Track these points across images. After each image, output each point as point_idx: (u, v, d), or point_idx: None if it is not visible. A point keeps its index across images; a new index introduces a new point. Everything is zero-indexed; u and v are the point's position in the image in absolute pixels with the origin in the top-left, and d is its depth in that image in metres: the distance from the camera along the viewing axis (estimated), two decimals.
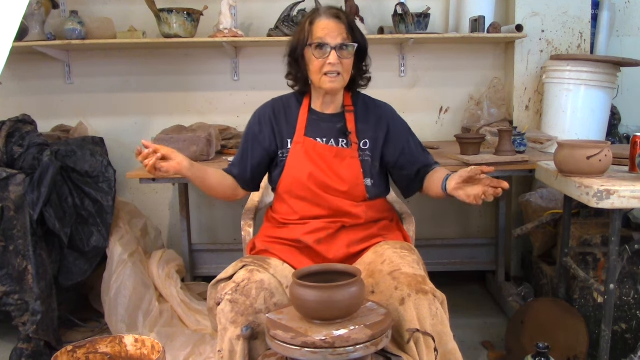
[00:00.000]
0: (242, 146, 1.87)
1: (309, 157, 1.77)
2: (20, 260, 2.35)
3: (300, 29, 1.76)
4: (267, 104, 1.89)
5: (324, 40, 1.69)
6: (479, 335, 2.61)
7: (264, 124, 1.83)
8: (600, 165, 1.86)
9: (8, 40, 1.11)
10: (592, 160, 1.86)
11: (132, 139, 3.22)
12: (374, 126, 1.83)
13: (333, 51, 1.69)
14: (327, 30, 1.70)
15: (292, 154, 1.79)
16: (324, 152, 1.77)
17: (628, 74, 3.04)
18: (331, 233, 1.75)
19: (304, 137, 1.79)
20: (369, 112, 1.85)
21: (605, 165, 1.88)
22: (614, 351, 2.09)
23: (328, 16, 1.72)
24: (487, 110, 3.03)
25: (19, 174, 2.38)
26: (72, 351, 1.58)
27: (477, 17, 2.89)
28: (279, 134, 1.82)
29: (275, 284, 1.57)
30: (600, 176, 1.89)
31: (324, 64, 1.70)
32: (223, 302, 1.52)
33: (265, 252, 1.75)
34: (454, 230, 3.35)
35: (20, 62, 3.11)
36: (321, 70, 1.71)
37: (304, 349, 1.30)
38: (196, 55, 3.18)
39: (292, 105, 1.86)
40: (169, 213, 3.32)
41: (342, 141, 1.80)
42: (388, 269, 1.62)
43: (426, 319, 1.49)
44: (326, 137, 1.79)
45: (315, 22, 1.72)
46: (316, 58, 1.70)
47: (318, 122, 1.81)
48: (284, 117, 1.83)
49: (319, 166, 1.76)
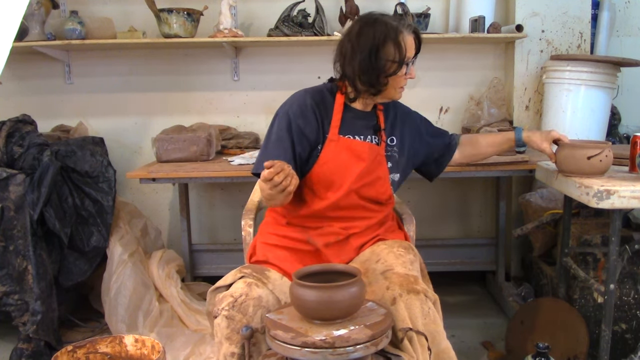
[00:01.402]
0: (288, 141, 1.70)
1: (343, 156, 1.72)
2: (20, 260, 2.35)
3: (388, 47, 1.67)
4: (302, 95, 1.78)
5: (410, 57, 1.72)
6: (479, 335, 2.61)
7: (308, 113, 1.73)
8: (600, 165, 1.86)
9: (8, 40, 1.11)
10: (593, 161, 1.86)
11: (132, 139, 3.23)
12: (400, 122, 1.87)
13: (413, 66, 1.74)
14: (410, 46, 1.72)
15: (327, 152, 1.72)
16: (363, 149, 1.74)
17: (628, 74, 3.04)
18: (341, 239, 1.74)
19: (337, 135, 1.74)
20: (390, 109, 1.87)
21: (605, 165, 1.88)
22: (614, 351, 2.09)
23: (408, 32, 1.71)
24: (487, 110, 3.02)
25: (19, 174, 2.38)
26: (72, 351, 1.58)
27: (477, 17, 2.89)
28: (321, 126, 1.74)
29: (273, 301, 1.55)
30: (600, 176, 1.89)
31: (406, 79, 1.74)
32: (220, 317, 1.50)
33: (265, 263, 1.70)
34: (454, 230, 3.35)
35: (20, 62, 3.11)
36: (400, 83, 1.74)
37: (304, 349, 1.30)
38: (196, 55, 3.18)
39: (327, 100, 1.79)
40: (169, 213, 3.32)
41: (375, 138, 1.79)
42: (381, 269, 1.62)
43: (418, 319, 1.50)
44: (362, 134, 1.78)
45: (404, 38, 1.70)
46: (400, 75, 1.71)
47: (354, 120, 1.78)
48: (324, 110, 1.76)
49: (355, 166, 1.72)
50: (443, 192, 3.28)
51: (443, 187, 3.26)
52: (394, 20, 1.72)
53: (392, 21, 1.70)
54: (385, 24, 1.69)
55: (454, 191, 3.30)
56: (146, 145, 3.14)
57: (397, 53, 1.68)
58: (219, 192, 3.30)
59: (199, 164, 2.63)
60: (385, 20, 1.70)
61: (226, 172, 2.51)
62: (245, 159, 2.62)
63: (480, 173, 2.50)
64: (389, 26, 1.69)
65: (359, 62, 1.68)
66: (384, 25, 1.69)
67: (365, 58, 1.68)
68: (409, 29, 1.71)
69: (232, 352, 1.48)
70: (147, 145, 3.10)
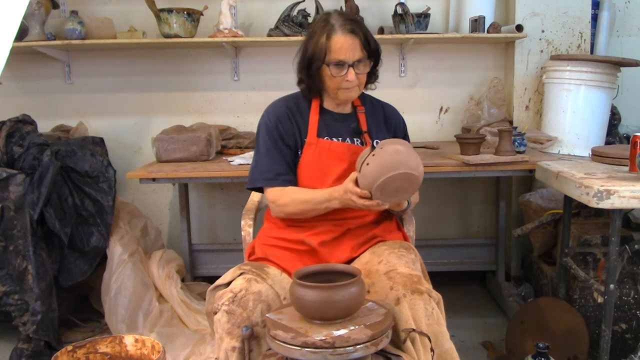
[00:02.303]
0: (276, 150, 1.74)
1: (324, 158, 1.74)
2: (20, 260, 2.35)
3: (315, 43, 1.70)
4: (278, 104, 1.83)
5: (342, 59, 1.66)
6: (479, 335, 2.61)
7: (284, 122, 1.77)
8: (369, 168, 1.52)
9: (8, 40, 1.11)
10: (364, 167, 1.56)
11: (132, 139, 3.23)
12: (383, 126, 1.85)
13: (351, 69, 1.68)
14: (345, 47, 1.66)
15: (307, 155, 1.75)
16: (342, 150, 1.75)
17: (628, 74, 3.04)
18: (335, 237, 1.74)
19: (316, 138, 1.76)
20: (376, 111, 1.86)
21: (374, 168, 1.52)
22: (614, 351, 2.09)
23: (344, 32, 1.66)
24: (487, 110, 3.03)
25: (19, 174, 2.38)
26: (72, 351, 1.58)
27: (477, 17, 2.89)
28: (298, 132, 1.77)
29: (273, 296, 1.56)
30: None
31: (341, 81, 1.69)
32: (220, 312, 1.51)
33: (264, 260, 1.72)
34: (454, 230, 3.35)
35: (20, 62, 3.11)
36: (339, 85, 1.71)
37: (304, 349, 1.30)
38: (196, 55, 3.18)
39: (302, 105, 1.82)
40: (169, 213, 3.32)
41: (357, 140, 1.80)
42: (384, 269, 1.61)
43: (421, 319, 1.49)
44: (341, 136, 1.78)
45: (332, 38, 1.67)
46: (334, 76, 1.69)
47: (332, 122, 1.79)
48: (300, 115, 1.79)
49: (336, 168, 1.73)
50: (443, 192, 3.28)
51: (443, 187, 3.26)
52: (339, 20, 1.69)
53: (335, 21, 1.69)
54: (324, 22, 1.70)
55: (454, 191, 3.30)
56: (146, 145, 3.14)
57: (326, 51, 1.67)
58: (219, 192, 3.30)
59: (199, 164, 2.63)
60: (328, 18, 1.70)
61: (226, 172, 2.51)
62: (245, 159, 2.62)
63: (480, 173, 2.50)
64: (325, 24, 1.69)
65: (299, 58, 1.75)
66: (322, 22, 1.71)
67: (301, 54, 1.74)
68: (345, 30, 1.66)
69: (234, 347, 1.47)
70: (147, 145, 3.10)
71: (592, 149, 2.36)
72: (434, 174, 2.45)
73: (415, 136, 3.05)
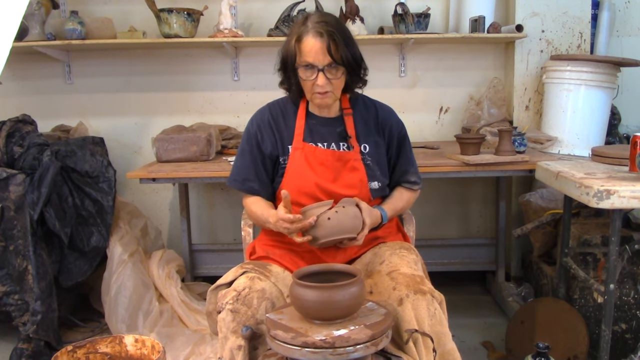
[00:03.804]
0: (249, 156, 1.77)
1: (310, 163, 1.72)
2: (20, 260, 2.35)
3: (288, 44, 1.68)
4: (263, 110, 1.83)
5: (311, 62, 1.62)
6: (479, 335, 2.61)
7: (264, 130, 1.77)
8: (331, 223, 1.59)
9: (8, 40, 1.11)
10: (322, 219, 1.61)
11: (132, 139, 3.23)
12: (374, 129, 1.80)
13: (321, 73, 1.62)
14: (314, 51, 1.61)
15: (293, 160, 1.74)
16: (325, 157, 1.73)
17: (628, 74, 3.04)
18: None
19: (302, 142, 1.74)
20: (369, 114, 1.82)
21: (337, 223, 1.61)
22: (614, 351, 2.09)
23: (315, 34, 1.61)
24: (487, 110, 3.03)
25: (19, 174, 2.38)
26: (72, 351, 1.58)
27: (477, 17, 2.89)
28: (279, 139, 1.76)
29: (277, 293, 1.56)
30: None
31: (313, 84, 1.65)
32: (224, 311, 1.50)
33: (266, 258, 1.73)
34: (454, 230, 3.35)
35: (20, 62, 3.11)
36: (312, 89, 1.67)
37: (304, 349, 1.30)
38: (196, 55, 3.18)
39: (289, 110, 1.80)
40: (169, 213, 3.33)
41: (343, 145, 1.76)
42: (386, 269, 1.61)
43: (424, 319, 1.49)
44: (326, 141, 1.76)
45: (303, 40, 1.62)
46: (304, 79, 1.66)
47: (317, 127, 1.77)
48: (283, 121, 1.78)
49: (323, 173, 1.72)
50: (443, 192, 3.28)
51: (443, 187, 3.26)
52: (313, 21, 1.64)
53: (310, 22, 1.65)
54: (300, 23, 1.67)
55: (454, 191, 3.30)
56: (146, 145, 3.14)
57: (297, 52, 1.66)
58: (219, 192, 3.30)
59: (199, 164, 2.63)
60: (305, 19, 1.67)
61: (226, 172, 2.49)
62: None
63: (480, 173, 2.50)
64: (300, 25, 1.66)
65: (278, 59, 1.75)
66: (299, 23, 1.68)
67: (280, 55, 1.74)
68: (315, 32, 1.61)
69: (239, 345, 1.47)
70: (147, 145, 3.10)
71: (592, 149, 2.36)
72: (434, 174, 2.45)
73: (415, 136, 3.06)
